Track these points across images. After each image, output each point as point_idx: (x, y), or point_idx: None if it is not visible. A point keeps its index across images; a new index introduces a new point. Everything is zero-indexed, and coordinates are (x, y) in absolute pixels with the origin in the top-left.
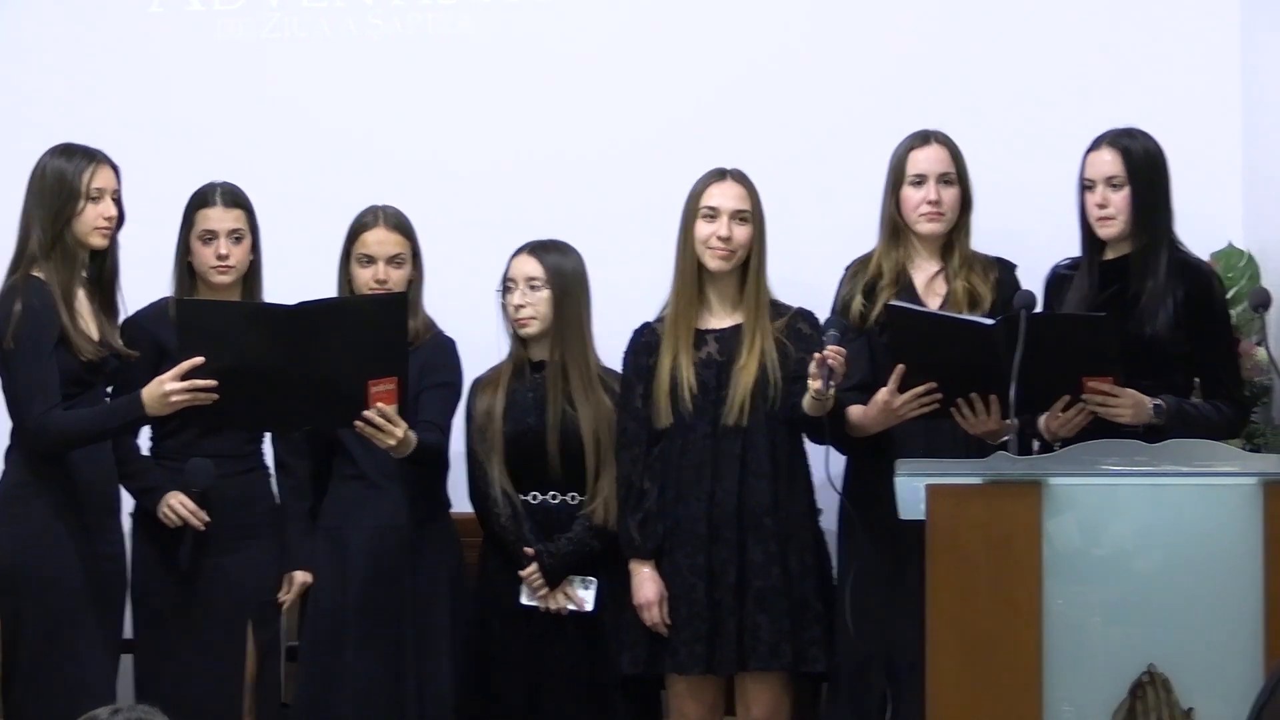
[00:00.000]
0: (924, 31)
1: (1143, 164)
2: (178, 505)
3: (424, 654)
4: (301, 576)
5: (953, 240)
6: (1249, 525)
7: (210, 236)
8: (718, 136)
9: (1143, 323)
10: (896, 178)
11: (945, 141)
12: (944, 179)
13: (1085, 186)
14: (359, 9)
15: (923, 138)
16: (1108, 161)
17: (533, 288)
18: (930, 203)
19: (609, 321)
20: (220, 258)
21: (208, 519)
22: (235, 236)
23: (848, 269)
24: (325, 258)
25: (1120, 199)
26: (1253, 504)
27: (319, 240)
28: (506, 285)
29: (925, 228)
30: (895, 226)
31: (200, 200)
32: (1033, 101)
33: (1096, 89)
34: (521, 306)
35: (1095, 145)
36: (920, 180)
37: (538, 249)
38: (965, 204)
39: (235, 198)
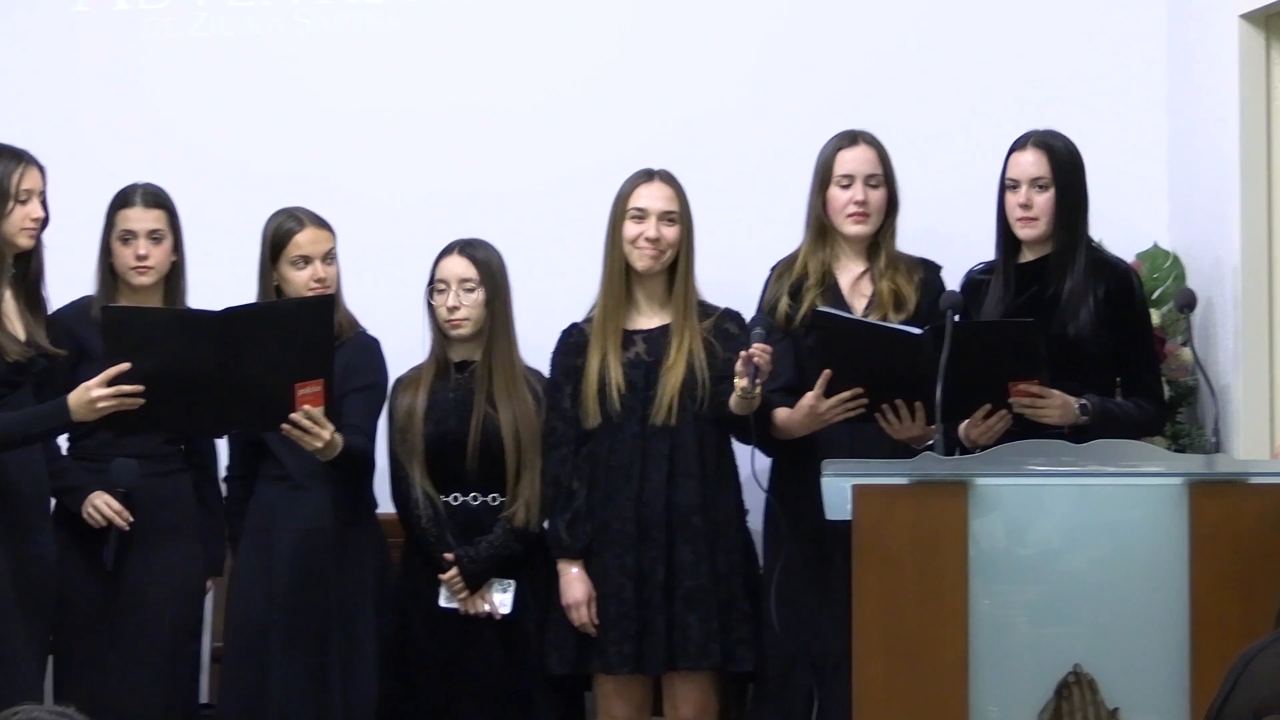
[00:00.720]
0: (853, 34)
1: (1067, 165)
2: (102, 505)
3: (350, 656)
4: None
5: (879, 241)
6: (1174, 525)
7: (130, 237)
8: (643, 137)
9: (1064, 323)
10: (824, 178)
11: (873, 142)
12: (871, 180)
13: (1008, 186)
14: (285, 8)
15: (850, 138)
16: (1033, 162)
17: (467, 290)
18: (857, 204)
19: (530, 321)
20: (139, 258)
21: (132, 519)
22: (155, 237)
23: (773, 269)
24: (250, 260)
25: (1045, 200)
26: (1178, 504)
27: (244, 243)
28: (437, 286)
29: (851, 229)
30: (822, 226)
31: (121, 200)
32: (961, 104)
33: (1025, 92)
34: (456, 309)
35: (1020, 145)
36: (848, 181)
37: (467, 249)
38: (892, 206)
39: (156, 198)
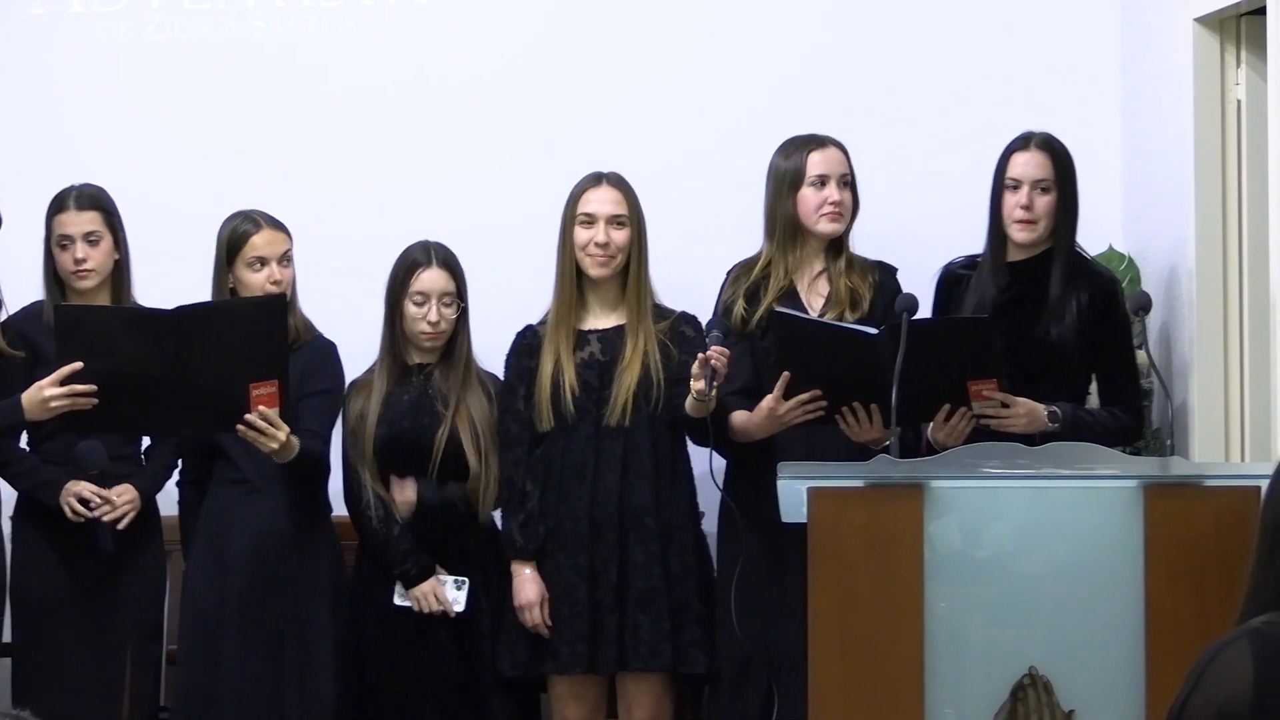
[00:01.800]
0: (804, 37)
1: (1068, 168)
2: (84, 491)
3: (305, 659)
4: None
5: (840, 242)
6: (1129, 528)
7: (67, 242)
8: (597, 140)
9: (1047, 327)
10: (794, 180)
11: (840, 145)
12: (844, 181)
13: (1009, 186)
14: (240, 12)
15: (819, 141)
16: (1038, 164)
17: (446, 304)
18: (833, 203)
19: (484, 323)
20: (78, 262)
21: (114, 499)
22: (91, 240)
23: (729, 273)
24: (201, 263)
25: (1046, 203)
26: (1133, 507)
27: (195, 245)
28: (414, 299)
29: (827, 227)
30: (793, 229)
31: (56, 205)
32: (916, 107)
33: (979, 94)
34: (437, 323)
35: (1021, 145)
36: (823, 181)
37: (445, 263)
38: (856, 207)
39: (92, 200)
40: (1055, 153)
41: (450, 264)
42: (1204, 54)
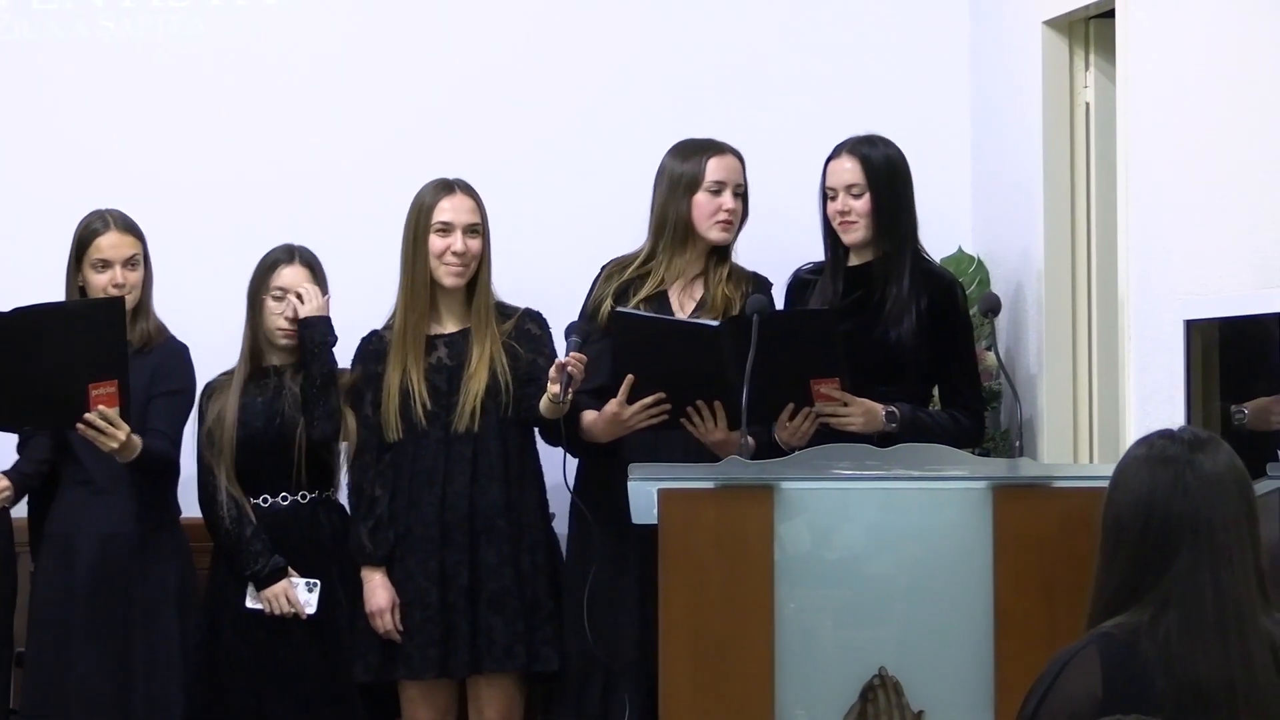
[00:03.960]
0: (657, 37)
1: (883, 172)
2: None
3: (153, 660)
4: None
5: (726, 250)
6: (978, 529)
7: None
8: (440, 141)
9: (887, 330)
10: (690, 183)
11: (738, 154)
12: (738, 189)
13: (827, 195)
14: (89, 12)
15: (718, 147)
16: (848, 170)
17: (303, 300)
18: (727, 211)
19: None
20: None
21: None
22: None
23: (603, 269)
24: (57, 260)
25: (861, 205)
26: (982, 508)
27: (50, 242)
28: (274, 294)
29: (718, 235)
30: (684, 231)
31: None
32: (767, 109)
33: (831, 95)
34: (294, 319)
35: (835, 153)
36: (718, 188)
37: (306, 262)
38: (745, 216)
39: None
40: (865, 158)
41: (311, 264)
42: (1053, 56)
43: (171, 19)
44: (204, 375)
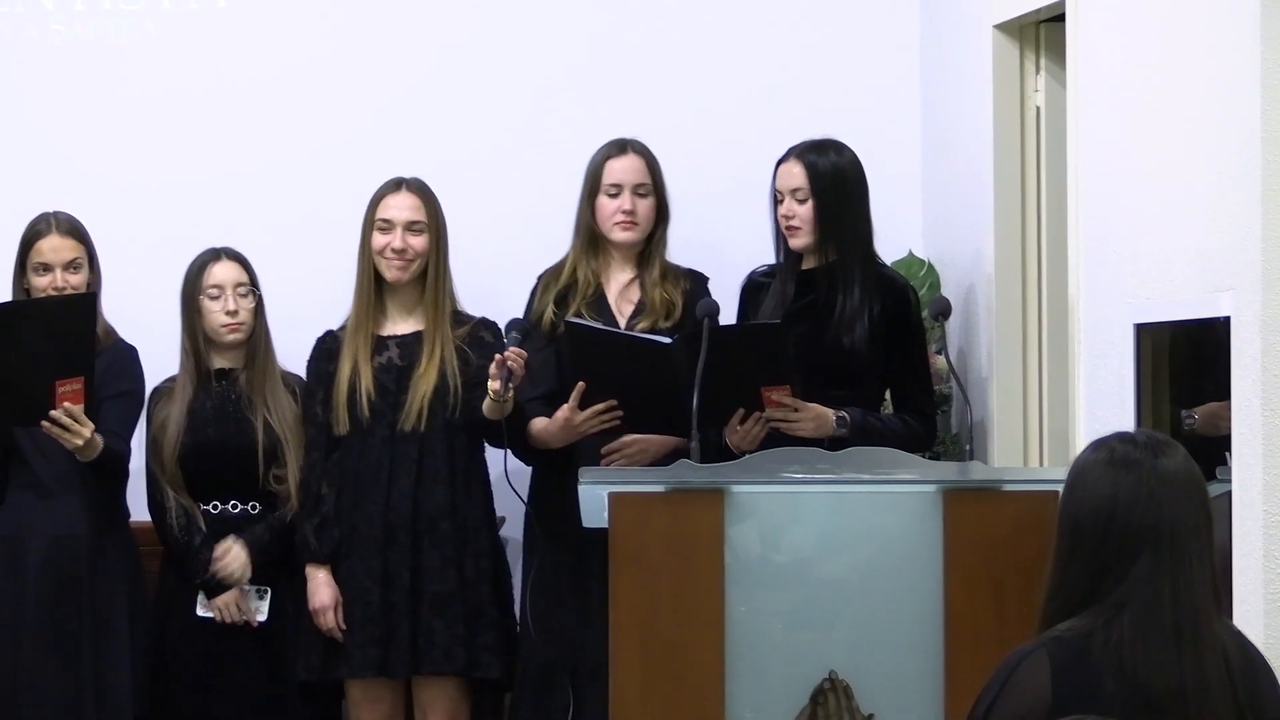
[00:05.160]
0: (608, 37)
1: (828, 178)
2: None
3: (103, 664)
4: None
5: (650, 251)
6: (929, 532)
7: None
8: (399, 141)
9: (839, 335)
10: (592, 186)
11: (642, 151)
12: (639, 190)
13: (775, 199)
14: (40, 14)
15: (619, 147)
16: (794, 174)
17: (242, 295)
18: (625, 212)
19: (285, 325)
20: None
21: None
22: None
23: (540, 278)
24: (4, 265)
25: (805, 211)
26: (932, 511)
27: None
28: (209, 293)
29: (620, 236)
30: (591, 234)
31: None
32: (718, 111)
33: (781, 98)
34: (234, 312)
35: (785, 157)
36: (616, 190)
37: (233, 256)
38: (661, 215)
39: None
40: (810, 164)
41: (238, 257)
42: (1003, 61)
43: (123, 22)
44: (153, 378)
